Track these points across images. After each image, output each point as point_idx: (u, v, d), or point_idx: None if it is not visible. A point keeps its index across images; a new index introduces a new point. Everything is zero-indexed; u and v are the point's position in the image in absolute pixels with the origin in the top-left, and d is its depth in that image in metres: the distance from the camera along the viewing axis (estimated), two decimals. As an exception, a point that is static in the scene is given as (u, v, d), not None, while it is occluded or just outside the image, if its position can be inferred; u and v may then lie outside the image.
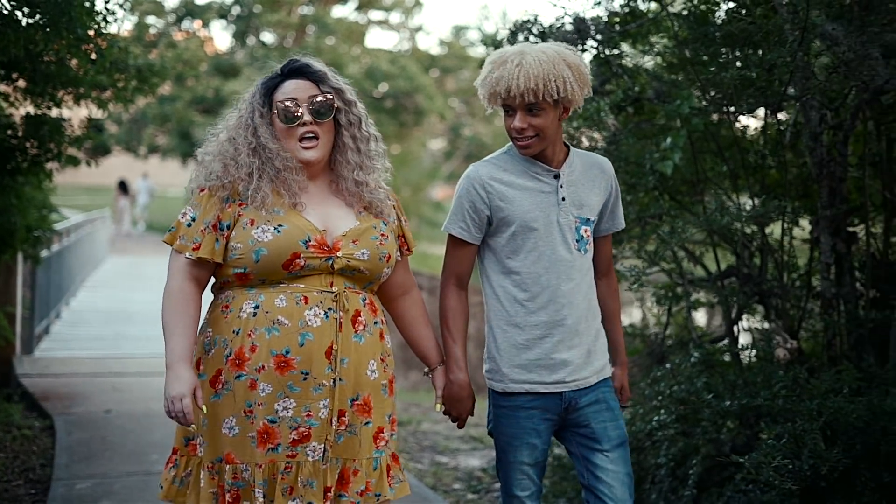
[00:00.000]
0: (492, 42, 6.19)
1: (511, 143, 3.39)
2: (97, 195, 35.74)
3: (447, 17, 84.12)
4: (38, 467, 6.26)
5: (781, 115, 5.30)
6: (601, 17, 5.42)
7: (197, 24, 33.30)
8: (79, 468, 6.12)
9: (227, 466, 3.13)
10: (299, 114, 3.19)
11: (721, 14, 5.06)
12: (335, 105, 3.24)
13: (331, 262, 3.14)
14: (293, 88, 3.22)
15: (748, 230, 5.27)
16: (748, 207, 5.05)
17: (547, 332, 3.37)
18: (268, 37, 34.44)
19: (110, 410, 7.82)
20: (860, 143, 5.19)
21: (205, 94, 30.43)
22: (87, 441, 6.78)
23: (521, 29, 5.35)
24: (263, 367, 3.09)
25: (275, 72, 3.30)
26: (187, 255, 3.15)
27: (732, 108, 4.91)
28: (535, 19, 5.48)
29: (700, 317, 7.20)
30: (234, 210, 3.15)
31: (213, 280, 3.28)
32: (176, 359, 3.08)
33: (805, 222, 5.51)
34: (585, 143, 5.46)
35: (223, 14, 33.22)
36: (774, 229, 5.38)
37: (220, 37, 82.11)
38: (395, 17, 38.11)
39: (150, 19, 31.61)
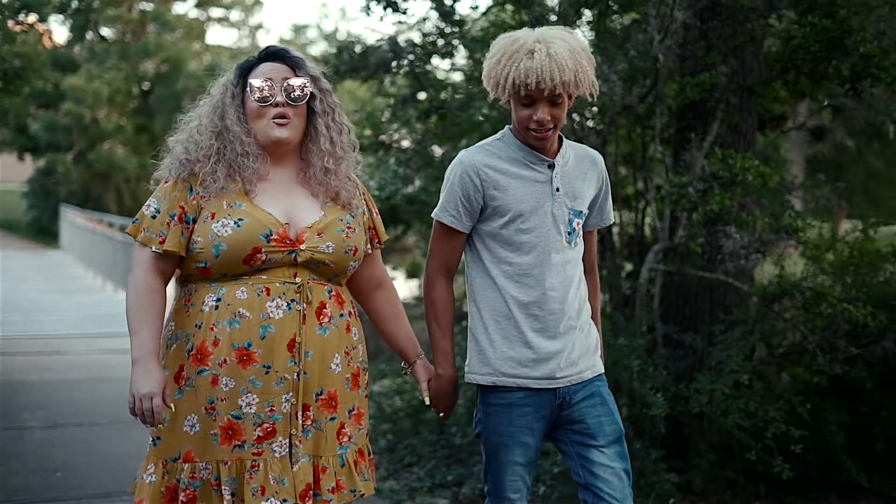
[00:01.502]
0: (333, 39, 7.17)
1: (505, 130, 3.28)
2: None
3: (287, 15, 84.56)
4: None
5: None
6: (413, 40, 6.56)
7: (31, 17, 33.12)
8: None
9: (185, 465, 2.98)
10: (273, 94, 3.08)
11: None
12: (310, 90, 3.14)
13: (294, 255, 3.03)
14: (269, 70, 3.11)
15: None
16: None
17: (539, 325, 3.21)
18: (107, 32, 34.55)
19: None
20: (619, 144, 6.48)
21: (44, 89, 30.44)
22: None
23: (345, 49, 6.48)
24: (226, 360, 2.97)
25: (251, 56, 3.22)
26: (154, 248, 3.03)
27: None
28: (358, 40, 6.63)
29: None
30: (197, 202, 3.06)
31: (177, 273, 3.18)
32: (145, 353, 2.94)
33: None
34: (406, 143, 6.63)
35: (62, 8, 33.17)
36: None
37: (58, 30, 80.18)
38: (235, 14, 38.69)
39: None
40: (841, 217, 10.65)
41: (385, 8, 6.27)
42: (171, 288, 3.18)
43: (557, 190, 3.22)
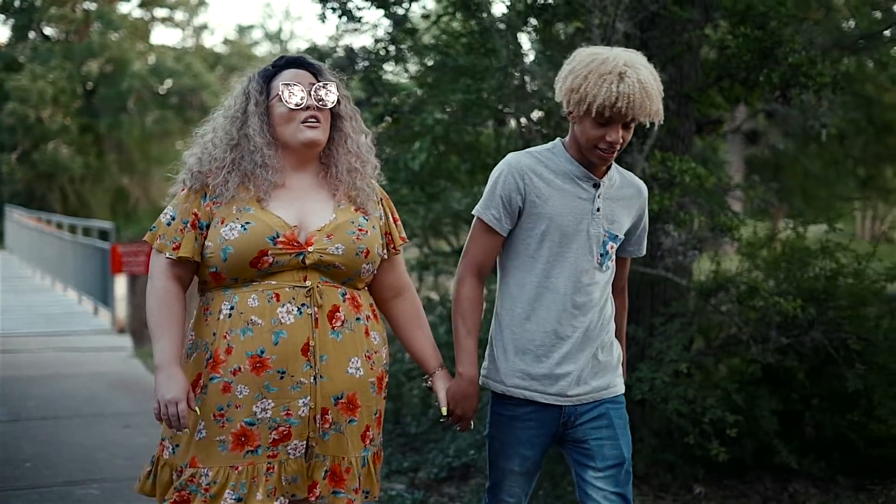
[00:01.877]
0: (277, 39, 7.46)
1: (556, 142, 3.27)
2: None
3: (231, 16, 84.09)
4: None
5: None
6: (367, 47, 6.82)
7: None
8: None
9: (189, 469, 2.99)
10: (303, 97, 3.07)
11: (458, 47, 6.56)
12: (337, 94, 3.15)
13: (302, 257, 3.01)
14: (294, 75, 3.12)
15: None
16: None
17: (556, 341, 3.21)
18: (50, 31, 34.33)
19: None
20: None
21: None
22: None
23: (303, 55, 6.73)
24: (240, 368, 2.97)
25: (268, 65, 3.22)
26: (167, 254, 3.04)
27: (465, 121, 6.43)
28: (315, 46, 6.88)
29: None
30: (210, 209, 3.05)
31: (197, 280, 3.18)
32: (167, 359, 2.96)
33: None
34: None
35: (4, 7, 32.93)
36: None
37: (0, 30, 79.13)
38: (179, 14, 38.58)
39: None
40: (780, 216, 11.05)
41: (340, 17, 6.53)
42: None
43: (598, 210, 3.21)
